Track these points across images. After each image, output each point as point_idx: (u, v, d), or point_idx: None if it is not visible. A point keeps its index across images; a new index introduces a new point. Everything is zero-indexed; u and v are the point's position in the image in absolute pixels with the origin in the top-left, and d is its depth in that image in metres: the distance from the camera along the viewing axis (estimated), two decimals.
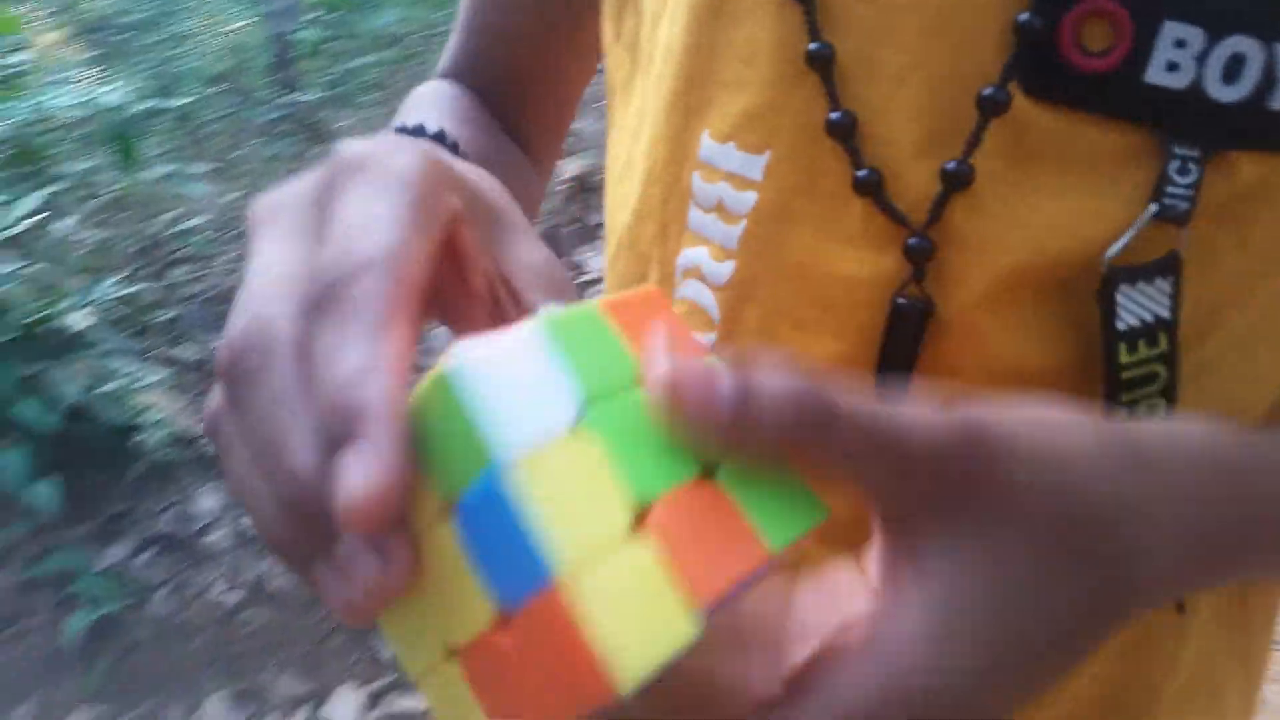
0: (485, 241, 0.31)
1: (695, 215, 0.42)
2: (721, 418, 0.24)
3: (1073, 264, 0.36)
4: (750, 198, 0.40)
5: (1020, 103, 0.35)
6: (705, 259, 0.42)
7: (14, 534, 2.24)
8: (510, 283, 0.31)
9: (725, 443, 0.24)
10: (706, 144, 0.41)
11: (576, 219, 3.23)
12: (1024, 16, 0.34)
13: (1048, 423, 0.28)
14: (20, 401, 2.10)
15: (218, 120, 4.06)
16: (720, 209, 0.41)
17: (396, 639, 0.26)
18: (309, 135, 3.90)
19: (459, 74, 0.62)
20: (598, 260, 2.99)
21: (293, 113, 3.86)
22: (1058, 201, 0.36)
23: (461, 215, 0.29)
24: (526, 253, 0.32)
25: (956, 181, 0.36)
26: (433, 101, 0.58)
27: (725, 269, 0.41)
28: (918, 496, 0.26)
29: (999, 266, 0.37)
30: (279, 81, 4.08)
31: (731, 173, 0.40)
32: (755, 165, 0.39)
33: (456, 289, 0.31)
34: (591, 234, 3.17)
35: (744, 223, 0.40)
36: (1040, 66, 0.35)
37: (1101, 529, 0.27)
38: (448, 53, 0.62)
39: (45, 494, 2.11)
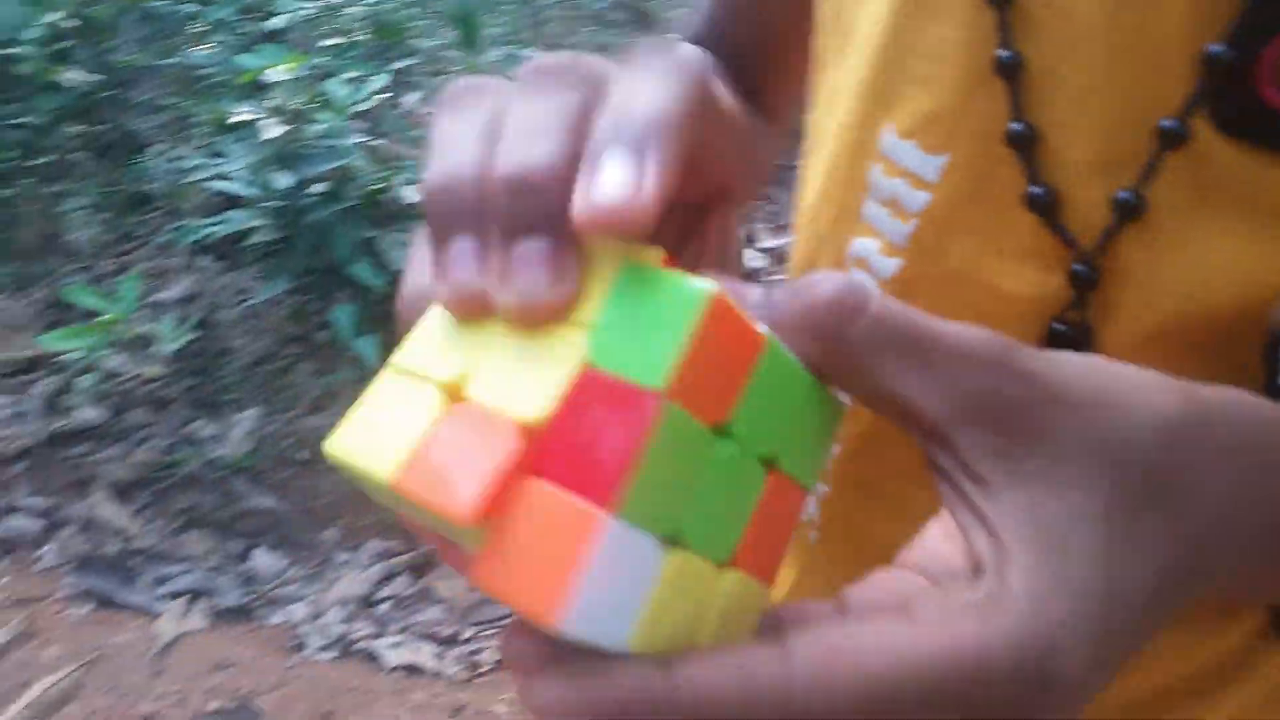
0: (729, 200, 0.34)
1: (870, 207, 0.42)
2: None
3: (1242, 313, 0.34)
4: (923, 198, 0.40)
5: (1205, 136, 0.34)
6: (874, 252, 0.42)
7: (340, 379, 2.58)
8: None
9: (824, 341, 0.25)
10: (890, 139, 0.41)
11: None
12: (1216, 48, 0.33)
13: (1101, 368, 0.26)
14: (357, 262, 2.37)
15: (555, 5, 4.22)
16: (894, 204, 0.41)
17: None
18: (639, 25, 3.98)
19: (701, 40, 0.61)
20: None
21: (626, 1, 3.94)
22: (1235, 243, 0.34)
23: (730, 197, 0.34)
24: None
25: (1128, 211, 0.35)
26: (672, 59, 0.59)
27: (891, 265, 0.42)
28: (974, 424, 0.25)
29: (1164, 305, 0.35)
30: None
31: (909, 170, 0.40)
32: (933, 166, 0.39)
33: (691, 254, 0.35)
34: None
35: (915, 222, 0.40)
36: (1231, 100, 0.33)
37: (1170, 481, 0.25)
38: (688, 25, 0.61)
39: (369, 346, 2.39)
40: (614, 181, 0.24)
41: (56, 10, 2.94)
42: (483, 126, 0.28)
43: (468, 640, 2.21)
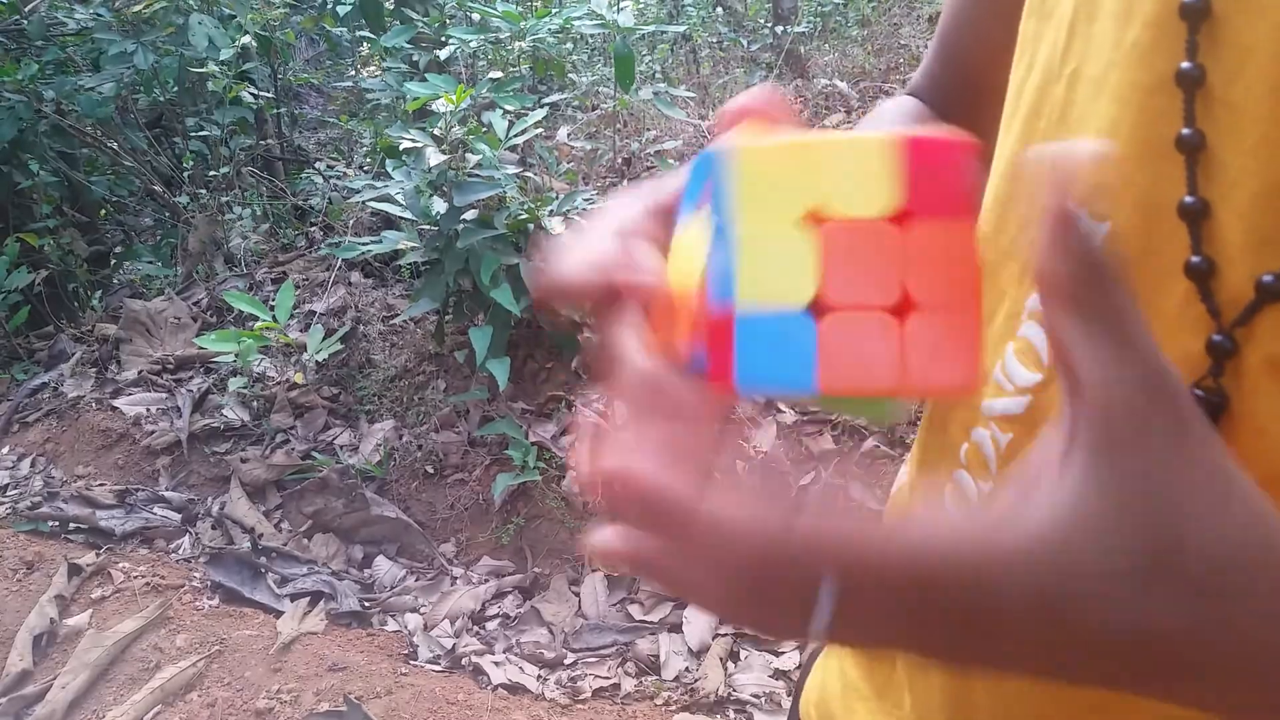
0: None
1: None
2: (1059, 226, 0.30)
3: None
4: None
5: None
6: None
7: (472, 399, 2.63)
8: None
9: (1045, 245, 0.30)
10: None
11: None
12: None
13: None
14: (498, 287, 2.42)
15: (709, 46, 4.28)
16: None
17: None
18: (790, 67, 3.99)
19: (920, 91, 0.70)
20: None
21: (778, 43, 3.96)
22: None
23: None
24: None
25: (1268, 293, 0.37)
26: (889, 110, 0.67)
27: None
28: (1103, 405, 0.30)
29: None
30: (773, 11, 4.19)
31: None
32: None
33: None
34: None
35: None
36: None
37: (1202, 573, 0.30)
38: (916, 74, 0.71)
39: (500, 369, 2.44)
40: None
41: (246, 33, 3.13)
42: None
43: (570, 665, 2.21)
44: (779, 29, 4.05)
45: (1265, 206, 0.37)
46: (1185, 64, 0.39)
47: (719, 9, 4.71)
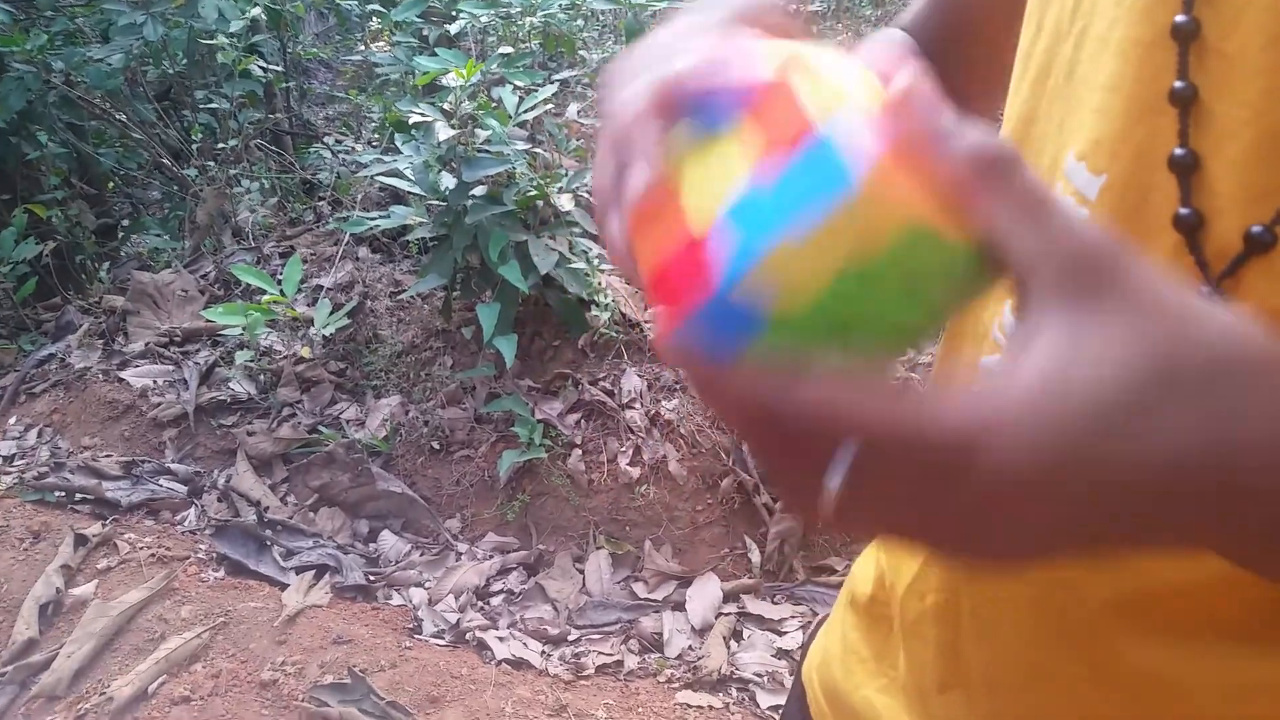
0: None
1: None
2: (929, 138, 0.31)
3: None
4: (1082, 214, 0.43)
5: None
6: None
7: (478, 375, 2.63)
8: None
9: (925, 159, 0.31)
10: (1070, 161, 0.45)
11: None
12: None
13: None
14: (506, 264, 2.42)
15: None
16: None
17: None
18: None
19: (909, 29, 0.69)
20: None
21: None
22: None
23: None
24: None
25: (1257, 245, 0.37)
26: (878, 46, 0.66)
27: None
28: (1055, 269, 0.30)
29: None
30: None
31: (1077, 189, 0.44)
32: (1093, 186, 0.43)
33: None
34: None
35: None
36: None
37: (1204, 362, 0.29)
38: (906, 11, 0.70)
39: (507, 346, 2.44)
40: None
41: (256, 6, 3.11)
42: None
43: (574, 642, 2.22)
44: (792, 7, 4.00)
45: (1258, 159, 0.37)
46: (1180, 17, 0.39)
47: None
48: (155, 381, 2.90)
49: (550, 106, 2.66)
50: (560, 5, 2.91)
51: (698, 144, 0.37)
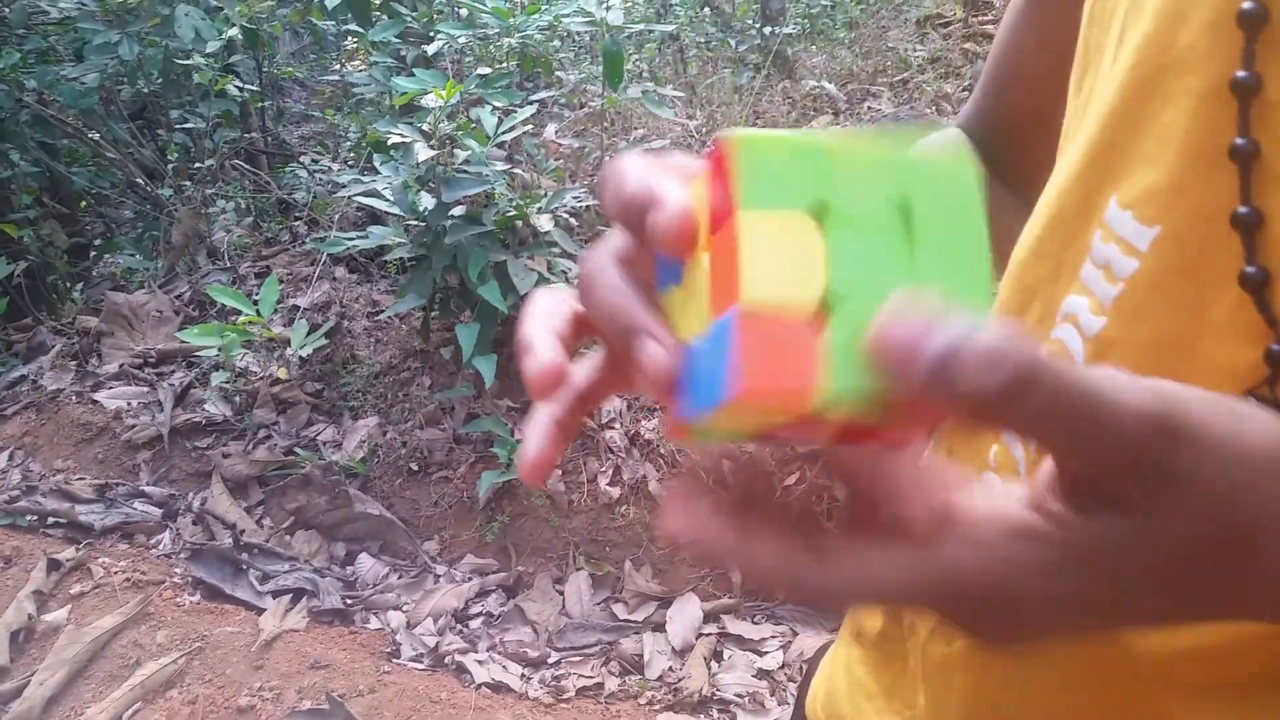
0: None
1: (1088, 268, 0.45)
2: (921, 373, 0.26)
3: None
4: (1131, 265, 0.43)
5: None
6: (1084, 310, 0.45)
7: (457, 395, 2.62)
8: None
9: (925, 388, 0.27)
10: (1112, 208, 0.44)
11: None
12: None
13: (1240, 413, 0.29)
14: (485, 284, 2.41)
15: (696, 46, 4.27)
16: (1107, 268, 0.44)
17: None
18: (778, 69, 3.99)
19: (968, 124, 0.69)
20: None
21: (766, 45, 3.96)
22: None
23: None
24: None
25: None
26: (930, 145, 0.65)
27: (1096, 323, 0.45)
28: (1101, 466, 0.28)
29: None
30: (761, 12, 4.20)
31: (1122, 238, 0.43)
32: (1144, 237, 0.42)
33: None
34: None
35: (1121, 285, 0.43)
36: None
37: (1247, 529, 0.29)
38: (965, 107, 0.70)
39: (486, 366, 2.43)
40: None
41: (233, 25, 3.10)
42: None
43: (553, 664, 2.21)
44: (767, 30, 4.05)
45: None
46: (1241, 72, 0.38)
47: (707, 9, 4.71)
48: (129, 403, 2.87)
49: (529, 127, 2.67)
50: (537, 26, 2.92)
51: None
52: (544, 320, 0.37)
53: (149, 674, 2.05)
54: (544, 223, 2.49)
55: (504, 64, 2.91)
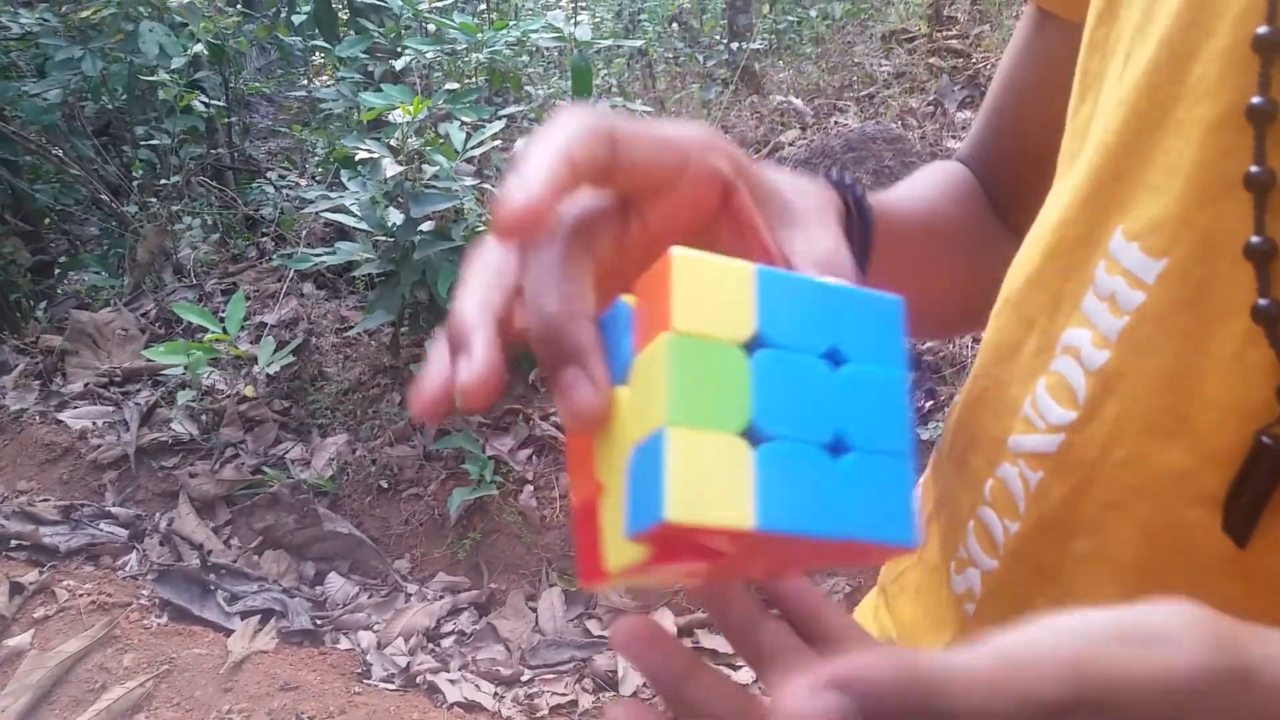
0: (770, 223, 0.39)
1: (1090, 300, 0.44)
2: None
3: None
4: (1138, 297, 0.41)
5: None
6: (1086, 342, 0.44)
7: None
8: (789, 261, 0.38)
9: None
10: (1117, 239, 0.42)
11: None
12: None
13: (1150, 639, 0.26)
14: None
15: (665, 61, 4.29)
16: (1111, 300, 0.43)
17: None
18: (745, 84, 4.02)
19: (969, 161, 0.67)
20: None
21: (734, 60, 3.98)
22: None
23: (731, 184, 0.38)
24: (805, 241, 0.39)
25: None
26: (922, 173, 0.65)
27: (1100, 356, 0.43)
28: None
29: None
30: (729, 28, 4.22)
31: (1128, 270, 0.41)
32: (1151, 269, 0.41)
33: (738, 249, 0.39)
34: None
35: (1127, 318, 0.42)
36: None
37: None
38: (965, 142, 0.68)
39: None
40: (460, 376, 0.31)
41: (199, 41, 3.08)
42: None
43: (526, 683, 2.20)
44: (734, 45, 4.07)
45: None
46: (1257, 99, 0.37)
47: (675, 25, 4.73)
48: (95, 423, 2.83)
49: (498, 142, 2.67)
50: (506, 42, 2.92)
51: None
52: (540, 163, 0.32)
53: (115, 698, 2.02)
54: None
55: (472, 79, 2.91)
